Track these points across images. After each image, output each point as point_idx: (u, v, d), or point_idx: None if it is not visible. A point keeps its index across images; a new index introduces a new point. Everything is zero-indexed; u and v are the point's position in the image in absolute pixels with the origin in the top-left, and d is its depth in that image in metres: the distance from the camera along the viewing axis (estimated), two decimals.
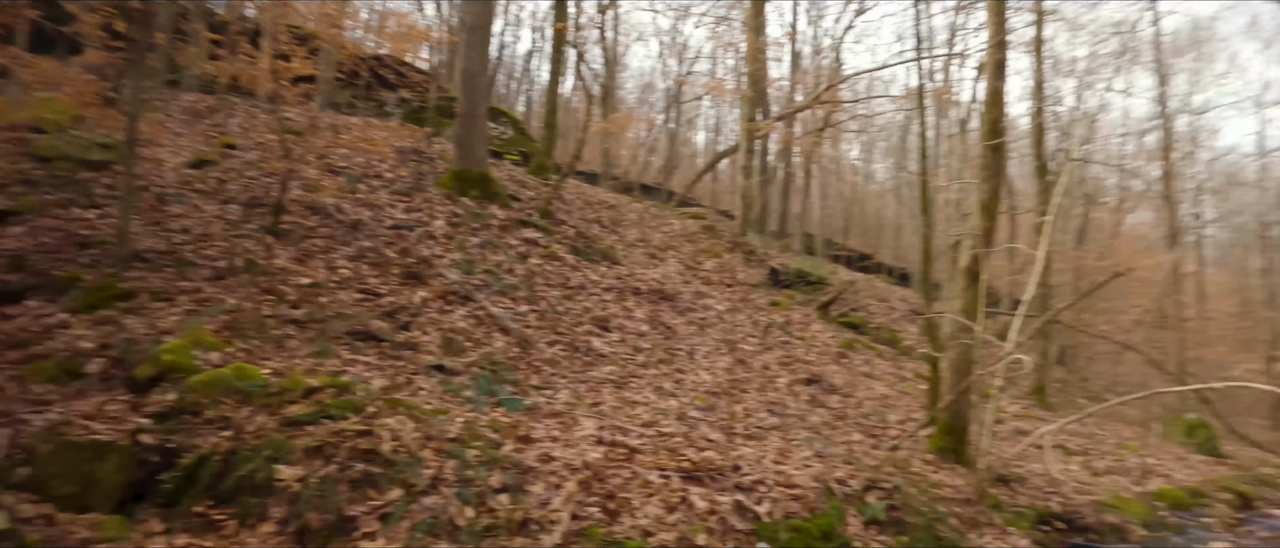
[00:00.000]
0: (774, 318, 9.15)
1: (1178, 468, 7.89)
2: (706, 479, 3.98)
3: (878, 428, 6.37)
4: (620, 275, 8.18)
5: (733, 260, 11.34)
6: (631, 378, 5.75)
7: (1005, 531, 4.71)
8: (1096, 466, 7.02)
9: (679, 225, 12.02)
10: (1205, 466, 8.47)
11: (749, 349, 7.62)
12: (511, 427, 4.06)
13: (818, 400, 6.72)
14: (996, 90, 5.80)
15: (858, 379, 8.05)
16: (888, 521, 4.21)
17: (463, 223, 7.49)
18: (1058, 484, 5.87)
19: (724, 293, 9.41)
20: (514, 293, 6.52)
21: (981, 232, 5.66)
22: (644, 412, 4.94)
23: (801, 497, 4.01)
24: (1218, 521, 6.06)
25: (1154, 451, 8.75)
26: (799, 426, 5.66)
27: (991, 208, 5.71)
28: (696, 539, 3.42)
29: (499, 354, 5.31)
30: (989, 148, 5.73)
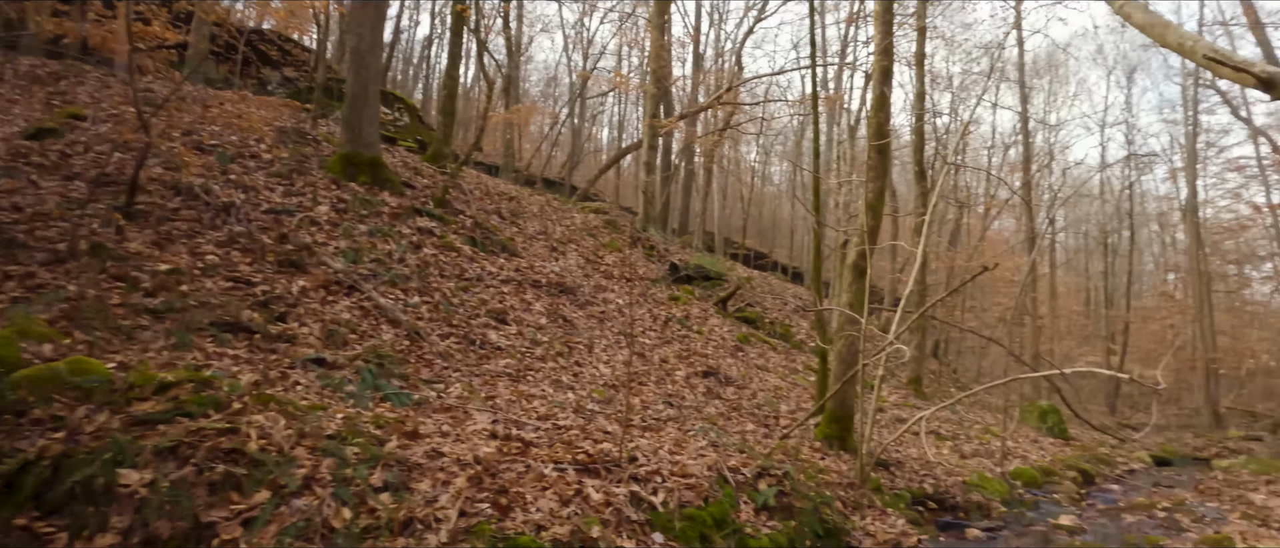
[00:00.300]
0: (673, 312, 9.26)
1: (1032, 450, 8.67)
2: (602, 471, 3.94)
3: (770, 418, 6.58)
4: (519, 268, 8.00)
5: (634, 255, 11.38)
6: (529, 371, 5.62)
7: (884, 512, 4.97)
8: (965, 449, 7.59)
9: (581, 219, 11.92)
10: (1055, 447, 9.38)
11: (648, 343, 7.66)
12: (397, 422, 3.84)
13: (714, 392, 6.85)
14: (883, 96, 6.12)
15: (753, 372, 8.29)
16: (777, 506, 4.33)
17: (350, 209, 7.06)
18: (931, 467, 6.28)
19: (624, 287, 9.42)
20: (405, 283, 6.20)
21: (867, 230, 5.95)
22: (540, 405, 4.84)
23: (696, 486, 4.05)
24: (1064, 496, 6.70)
25: (1013, 434, 9.59)
26: (695, 416, 5.74)
27: (877, 207, 6.01)
28: (591, 532, 3.37)
29: (387, 347, 5.02)
30: (875, 150, 6.04)
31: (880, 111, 6.06)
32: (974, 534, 5.06)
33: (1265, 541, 4.72)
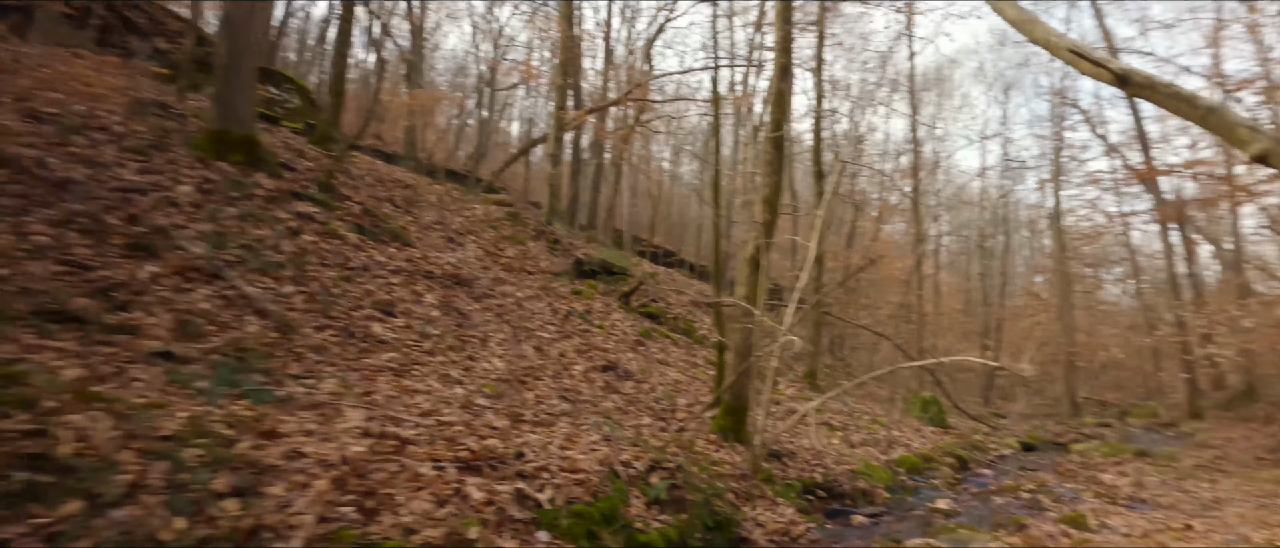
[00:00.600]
0: (575, 306, 9.09)
1: (915, 438, 9.13)
2: (486, 469, 3.73)
3: (667, 412, 6.55)
4: (412, 258, 7.58)
5: (537, 248, 11.12)
6: (415, 365, 5.29)
7: (775, 502, 5.02)
8: (854, 439, 7.88)
9: (482, 211, 11.53)
10: (935, 435, 9.93)
11: (546, 337, 7.46)
12: (254, 421, 3.47)
13: (612, 387, 6.75)
14: (781, 92, 6.21)
15: (653, 366, 8.26)
16: (669, 499, 4.26)
17: (217, 191, 6.42)
18: (822, 457, 6.45)
19: (525, 280, 9.16)
20: (278, 272, 5.70)
21: (764, 223, 6.02)
22: (424, 401, 4.55)
23: (585, 481, 3.91)
24: (942, 480, 7.07)
25: (898, 424, 10.08)
26: (591, 411, 5.60)
27: (773, 201, 6.09)
28: (468, 533, 3.16)
29: (251, 340, 4.57)
30: (772, 144, 6.12)
31: (778, 107, 6.15)
32: (858, 521, 5.21)
33: (1112, 516, 5.12)
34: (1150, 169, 15.84)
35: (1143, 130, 16.82)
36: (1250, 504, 5.31)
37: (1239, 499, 5.68)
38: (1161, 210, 16.44)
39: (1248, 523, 4.53)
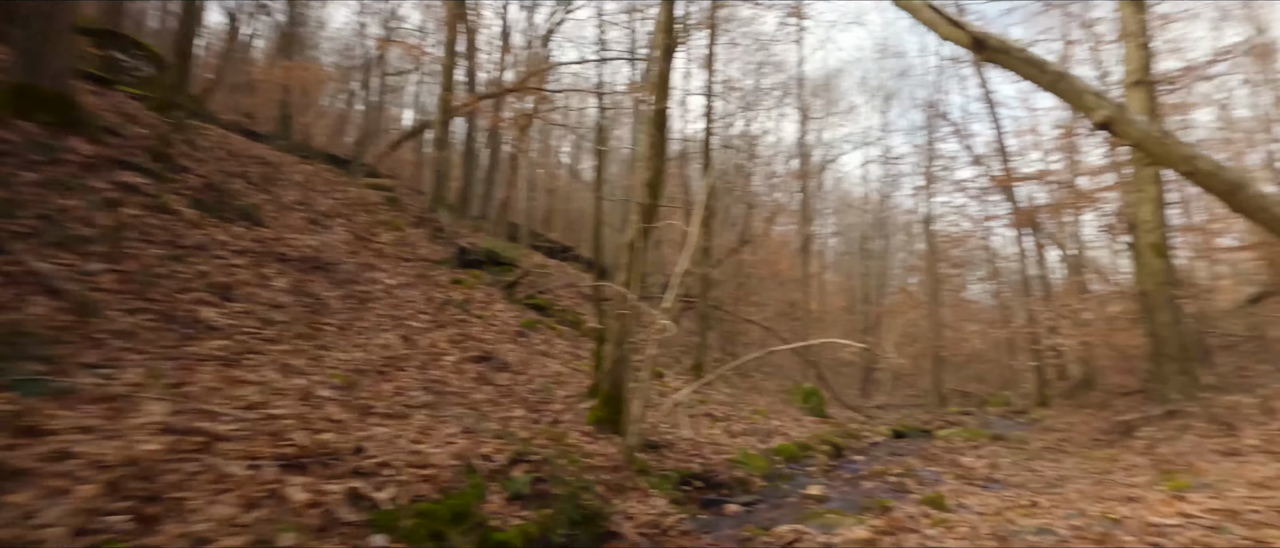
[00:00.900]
0: (453, 296, 8.58)
1: (794, 428, 9.31)
2: (315, 467, 3.29)
3: (543, 403, 6.24)
4: (263, 239, 6.83)
5: (417, 235, 10.46)
6: (250, 354, 4.69)
7: (648, 494, 4.84)
8: (735, 429, 7.89)
9: (356, 193, 10.72)
10: (814, 425, 10.19)
11: (417, 326, 6.94)
12: (13, 417, 2.86)
13: (485, 378, 6.36)
14: (664, 74, 6.06)
15: (533, 357, 7.91)
16: (532, 494, 3.97)
17: (14, 153, 5.48)
18: (700, 447, 6.36)
19: (399, 267, 8.54)
20: (84, 247, 4.90)
21: (645, 208, 5.83)
22: (253, 393, 4.00)
23: (435, 477, 3.55)
24: (818, 467, 7.19)
25: (780, 414, 10.28)
26: (457, 402, 5.20)
27: (656, 185, 5.93)
28: (280, 541, 2.73)
29: (33, 323, 3.85)
30: (654, 126, 5.95)
31: (660, 89, 6.00)
32: (732, 510, 5.13)
33: (969, 495, 5.33)
34: (1008, 177, 17.18)
35: (1003, 143, 18.24)
36: (1088, 481, 5.70)
37: (1078, 477, 6.10)
38: (1017, 216, 17.87)
39: (1086, 498, 4.81)
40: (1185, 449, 6.32)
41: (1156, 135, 2.37)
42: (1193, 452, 6.16)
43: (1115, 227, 14.87)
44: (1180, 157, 2.29)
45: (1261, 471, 4.89)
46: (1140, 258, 9.09)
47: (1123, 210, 14.31)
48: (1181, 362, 8.47)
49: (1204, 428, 6.90)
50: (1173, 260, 9.21)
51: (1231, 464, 5.37)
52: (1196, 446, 6.37)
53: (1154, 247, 8.79)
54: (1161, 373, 8.61)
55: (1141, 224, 8.99)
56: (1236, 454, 5.67)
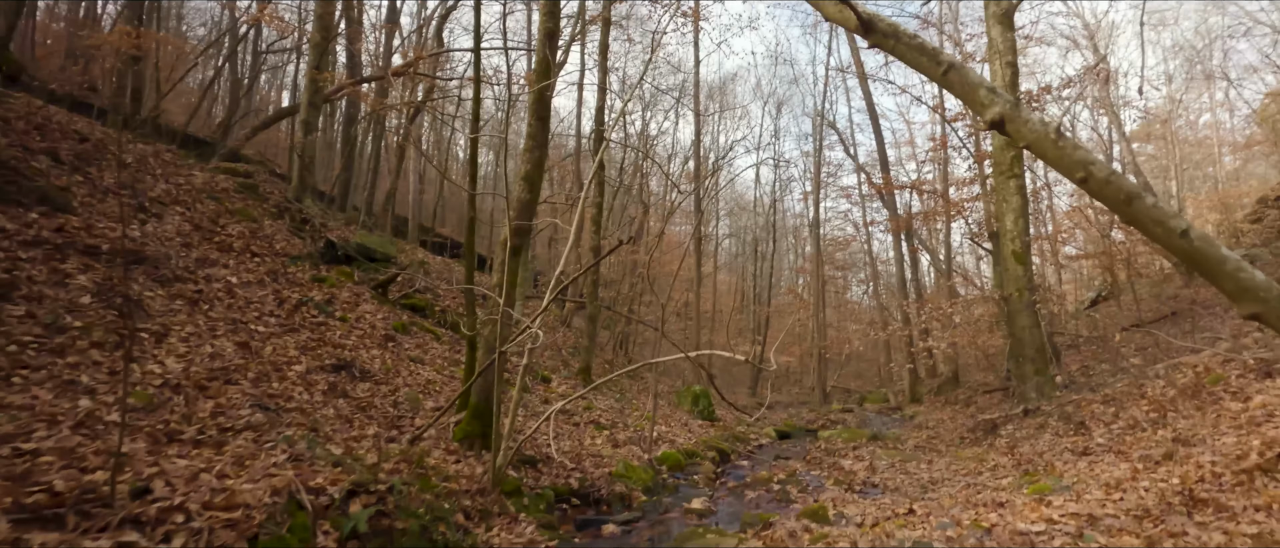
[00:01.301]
0: (312, 295, 7.71)
1: (682, 433, 9.12)
2: (72, 517, 2.60)
3: (406, 418, 5.63)
4: (65, 227, 5.76)
5: (275, 227, 9.40)
6: (20, 371, 3.81)
7: (516, 518, 4.39)
8: (620, 437, 7.57)
9: (203, 179, 9.49)
10: (702, 428, 10.08)
11: (261, 331, 6.10)
12: None
13: (340, 390, 5.65)
14: (546, 60, 5.62)
15: (403, 364, 7.23)
16: (372, 531, 3.42)
17: None
18: (580, 460, 5.97)
19: (247, 263, 7.57)
20: None
21: (520, 204, 5.37)
22: (5, 422, 3.20)
23: (242, 521, 2.93)
24: (703, 476, 6.99)
25: (667, 418, 10.08)
26: (295, 422, 4.52)
27: (534, 179, 5.47)
28: None
29: None
30: (534, 115, 5.50)
31: (541, 74, 5.55)
32: (610, 530, 4.78)
33: (849, 505, 5.27)
34: (888, 185, 18.03)
35: (883, 152, 19.12)
36: (959, 484, 5.82)
37: (950, 479, 6.25)
38: (895, 222, 18.81)
39: (958, 504, 4.84)
40: (1043, 448, 6.63)
41: (1051, 137, 2.24)
42: (1050, 451, 6.46)
43: (979, 235, 15.90)
44: (1074, 161, 2.17)
45: (1112, 471, 5.12)
46: (1004, 264, 9.62)
47: (987, 220, 15.33)
48: (1038, 362, 9.01)
49: (1059, 427, 7.30)
50: (1032, 267, 9.83)
51: (1085, 464, 5.62)
52: (1053, 444, 6.70)
53: (1016, 254, 9.31)
54: (1021, 373, 9.14)
55: (1005, 232, 9.51)
56: (1088, 454, 5.97)
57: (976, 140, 15.25)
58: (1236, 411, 5.70)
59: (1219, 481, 4.04)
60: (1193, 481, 4.20)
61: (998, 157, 9.73)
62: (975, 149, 15.59)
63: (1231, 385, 6.53)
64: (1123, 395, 7.58)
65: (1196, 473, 4.29)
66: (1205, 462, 4.44)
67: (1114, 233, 18.61)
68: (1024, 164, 9.88)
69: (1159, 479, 4.52)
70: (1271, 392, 6.01)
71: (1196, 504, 3.78)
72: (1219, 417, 5.66)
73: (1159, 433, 5.70)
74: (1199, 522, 3.56)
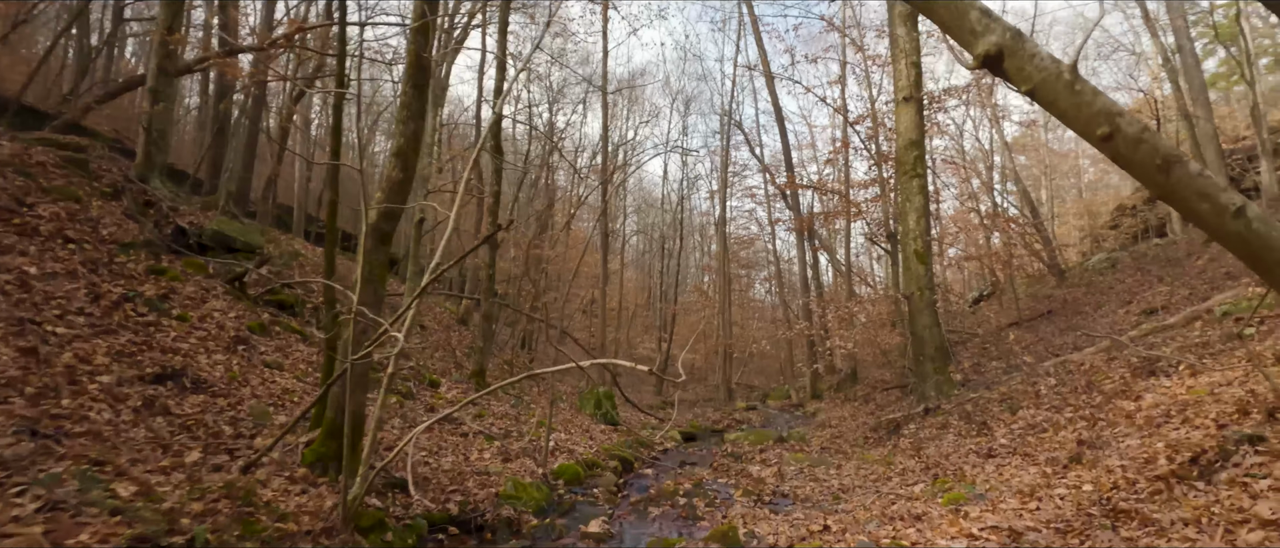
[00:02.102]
0: (144, 290, 6.50)
1: (583, 441, 8.51)
2: None
3: (245, 438, 4.69)
4: None
5: (106, 209, 7.98)
6: None
7: None
8: (513, 449, 6.86)
9: (12, 149, 7.93)
10: (604, 434, 9.50)
11: (61, 333, 4.95)
12: None
13: (159, 405, 4.63)
14: (423, 28, 4.83)
15: (254, 371, 6.19)
16: None
17: None
18: (462, 478, 5.24)
19: (58, 250, 6.27)
20: None
21: (391, 184, 4.58)
22: None
23: None
24: (603, 490, 6.40)
25: (567, 424, 9.44)
26: (80, 451, 3.54)
27: (408, 156, 4.69)
28: None
29: None
30: (411, 84, 4.72)
31: (420, 36, 4.76)
32: None
33: (760, 521, 4.84)
34: (791, 184, 18.16)
35: (788, 152, 19.27)
36: (871, 493, 5.55)
37: (860, 485, 5.99)
38: (798, 222, 19.01)
39: (873, 517, 4.52)
40: (949, 450, 6.51)
41: (1065, 79, 1.75)
42: (956, 452, 6.34)
43: (877, 236, 16.24)
44: (1096, 112, 1.71)
45: (1022, 476, 4.97)
46: (905, 263, 9.65)
47: (885, 221, 15.68)
48: (938, 361, 9.07)
49: (961, 427, 7.26)
50: (933, 266, 9.93)
51: (993, 468, 5.48)
52: (957, 445, 6.60)
53: (918, 253, 9.34)
54: (922, 371, 9.17)
55: (907, 232, 9.53)
56: (994, 456, 5.87)
57: (877, 143, 15.55)
58: (1131, 410, 5.75)
59: (1135, 488, 3.89)
60: (1108, 488, 4.05)
61: (901, 156, 9.75)
62: (875, 152, 15.91)
63: (1119, 384, 6.68)
64: (1019, 394, 7.66)
65: (1109, 479, 4.15)
66: (1115, 467, 4.32)
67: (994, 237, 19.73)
68: (926, 165, 9.96)
69: (1072, 486, 4.37)
70: (1159, 390, 6.15)
71: (1119, 516, 3.58)
72: (1114, 416, 5.69)
73: (1061, 434, 5.66)
74: (1126, 538, 3.35)
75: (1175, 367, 6.69)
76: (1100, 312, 13.94)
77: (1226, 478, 3.52)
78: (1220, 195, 1.45)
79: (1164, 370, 6.69)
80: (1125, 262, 18.51)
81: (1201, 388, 5.79)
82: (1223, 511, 3.19)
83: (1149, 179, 1.54)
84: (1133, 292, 14.52)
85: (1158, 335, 9.30)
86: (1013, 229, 17.80)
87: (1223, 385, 5.43)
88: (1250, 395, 4.47)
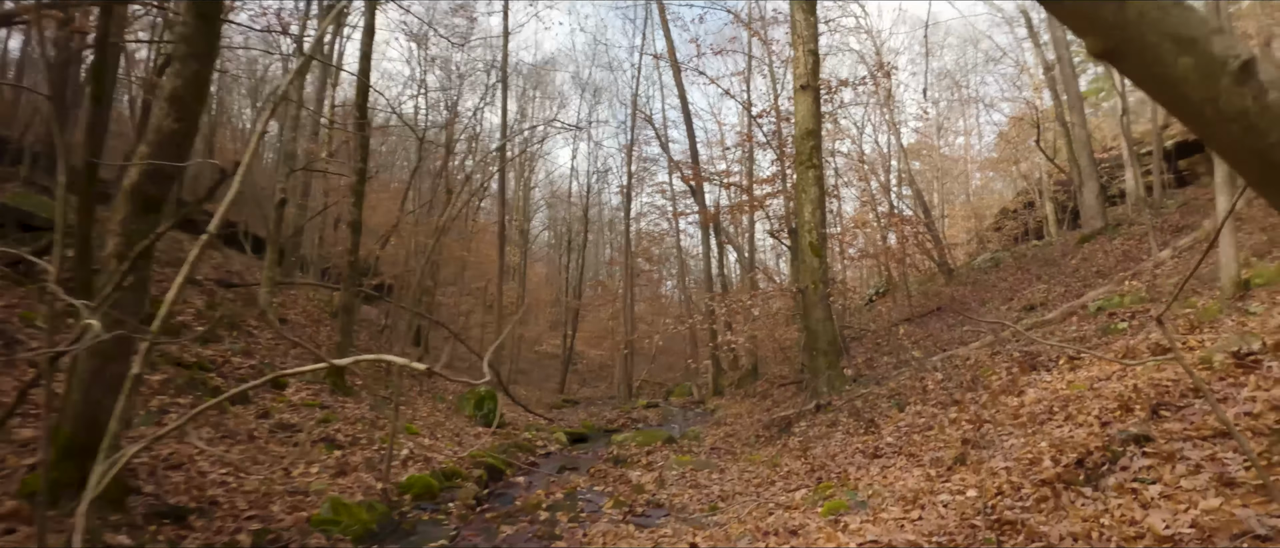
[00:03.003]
0: None
1: (450, 446, 7.66)
2: None
3: None
4: None
5: None
6: None
7: None
8: (354, 460, 5.94)
9: None
10: (479, 438, 8.67)
11: None
12: None
13: None
14: None
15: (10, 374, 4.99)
16: None
17: None
18: (266, 500, 4.33)
19: None
20: None
21: (165, 136, 3.63)
22: None
23: None
24: (460, 504, 5.61)
25: (439, 427, 8.55)
26: None
27: (187, 102, 3.74)
28: None
29: None
30: (193, 12, 3.77)
31: None
32: None
33: (621, 539, 4.22)
34: (697, 176, 17.83)
35: (694, 143, 18.96)
36: (750, 501, 5.07)
37: (741, 492, 5.52)
38: (704, 215, 18.72)
39: (747, 531, 3.99)
40: (835, 450, 6.16)
41: None
42: (842, 452, 5.99)
43: (779, 231, 16.15)
44: None
45: (905, 479, 4.61)
46: (801, 256, 9.37)
47: (787, 216, 15.59)
48: (831, 356, 8.82)
49: (850, 424, 6.96)
50: (827, 260, 9.71)
51: (877, 469, 5.12)
52: (845, 444, 6.26)
53: (812, 245, 9.07)
54: (815, 366, 8.89)
55: (803, 223, 9.25)
56: (879, 456, 5.53)
57: (779, 135, 15.42)
58: (1014, 406, 5.57)
59: (1020, 495, 3.54)
60: (992, 494, 3.69)
61: (798, 145, 9.45)
62: (778, 145, 15.79)
63: (1004, 379, 6.57)
64: (907, 390, 7.46)
65: (994, 484, 3.81)
66: (999, 468, 3.99)
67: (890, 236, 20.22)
68: (822, 155, 9.72)
69: (956, 491, 4.01)
70: (1040, 385, 6.04)
71: (1003, 528, 3.20)
72: (999, 413, 5.49)
73: (946, 432, 5.38)
74: None
75: (1054, 361, 6.65)
76: (985, 308, 14.36)
77: (1115, 484, 3.20)
78: (1213, 41, 0.91)
79: (1044, 365, 6.64)
80: (1008, 261, 19.38)
81: (1081, 382, 5.68)
82: (1113, 522, 2.83)
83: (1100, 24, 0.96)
84: (1014, 289, 15.08)
85: (1038, 330, 9.47)
86: (907, 230, 18.22)
87: (1101, 380, 5.31)
88: (1132, 391, 4.25)
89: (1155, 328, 6.47)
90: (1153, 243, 11.35)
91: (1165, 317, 5.70)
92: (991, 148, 32.05)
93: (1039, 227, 23.39)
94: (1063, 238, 19.39)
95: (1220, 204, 6.51)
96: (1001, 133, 26.94)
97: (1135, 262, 12.00)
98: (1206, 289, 7.35)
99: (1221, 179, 6.51)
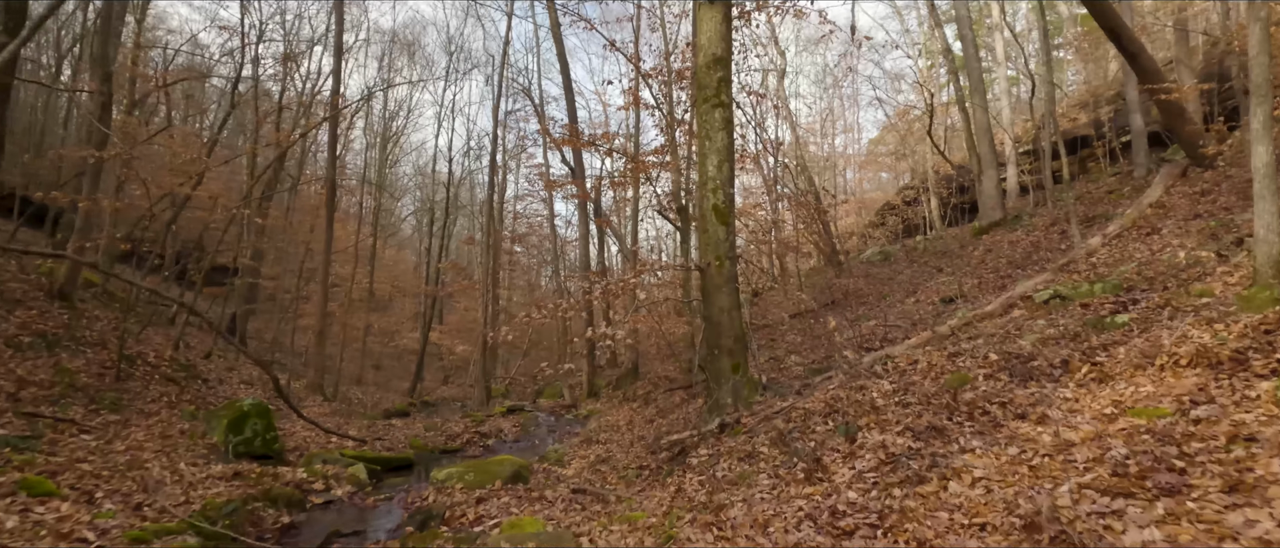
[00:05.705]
0: None
1: (151, 498, 4.59)
2: None
3: None
4: None
5: None
6: None
7: None
8: None
9: None
10: (212, 481, 5.56)
11: None
12: None
13: None
14: None
15: None
16: None
17: None
18: None
19: None
20: None
21: None
22: None
23: None
24: None
25: (148, 465, 5.40)
26: None
27: None
28: None
29: None
30: None
31: None
32: None
33: None
34: (575, 142, 15.23)
35: (572, 102, 16.38)
36: None
37: None
38: (581, 189, 16.18)
39: None
40: (766, 513, 3.84)
41: None
42: (778, 518, 3.66)
43: (668, 206, 13.90)
44: None
45: None
46: (702, 223, 7.06)
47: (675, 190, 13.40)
48: (737, 355, 6.59)
49: (774, 457, 4.71)
50: (736, 230, 7.49)
51: None
52: (778, 499, 3.97)
53: (717, 209, 6.81)
54: (716, 369, 6.62)
55: (705, 180, 6.96)
56: (845, 532, 3.24)
57: (669, 95, 13.16)
58: (1034, 435, 3.54)
59: None
60: None
61: (702, 76, 7.14)
62: (668, 109, 13.53)
63: (995, 391, 4.58)
64: (846, 405, 5.30)
65: None
66: None
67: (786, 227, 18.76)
68: (732, 92, 7.45)
69: None
70: (1066, 405, 4.09)
71: None
72: (1015, 445, 3.42)
73: (966, 490, 3.17)
74: None
75: (1056, 367, 4.78)
76: (887, 301, 12.97)
77: None
78: None
79: (1045, 373, 4.75)
80: (898, 255, 18.52)
81: (1130, 400, 3.75)
82: None
83: None
84: (915, 282, 13.82)
85: (980, 324, 7.82)
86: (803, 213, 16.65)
87: (1146, 399, 3.38)
88: None
89: (1173, 325, 4.77)
90: (1075, 231, 10.17)
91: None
92: (875, 144, 32.09)
93: (920, 223, 23.01)
94: (953, 232, 18.78)
95: (1258, 156, 4.85)
96: (889, 123, 26.46)
97: (1050, 252, 10.91)
98: (1210, 276, 5.84)
99: (1259, 126, 4.92)
